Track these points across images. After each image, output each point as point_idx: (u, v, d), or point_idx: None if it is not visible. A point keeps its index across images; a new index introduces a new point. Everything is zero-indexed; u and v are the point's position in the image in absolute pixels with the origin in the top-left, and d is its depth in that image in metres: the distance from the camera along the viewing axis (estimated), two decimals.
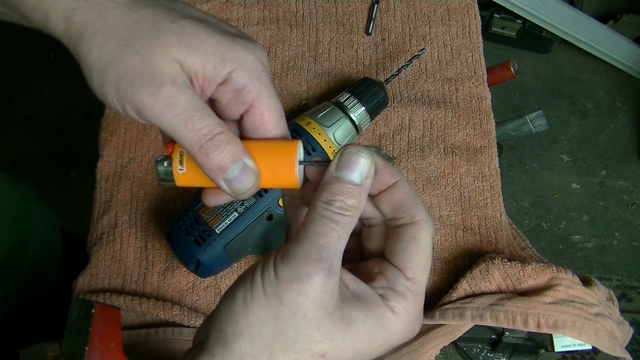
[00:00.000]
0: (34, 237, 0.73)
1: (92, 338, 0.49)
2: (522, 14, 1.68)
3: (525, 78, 1.82)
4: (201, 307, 0.65)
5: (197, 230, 0.60)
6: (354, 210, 0.30)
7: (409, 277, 0.30)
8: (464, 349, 0.70)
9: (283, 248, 0.29)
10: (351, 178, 0.30)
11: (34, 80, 1.78)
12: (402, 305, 0.30)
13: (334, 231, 0.29)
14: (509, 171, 1.70)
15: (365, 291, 0.30)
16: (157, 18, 0.33)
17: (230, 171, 0.33)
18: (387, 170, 0.32)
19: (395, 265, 0.31)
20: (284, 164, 0.34)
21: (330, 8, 0.81)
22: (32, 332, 0.85)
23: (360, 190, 0.30)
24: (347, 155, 0.30)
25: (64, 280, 0.74)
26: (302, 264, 0.28)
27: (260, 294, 0.28)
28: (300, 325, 0.28)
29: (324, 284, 0.28)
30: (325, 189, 0.30)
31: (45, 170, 1.69)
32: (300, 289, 0.27)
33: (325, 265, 0.28)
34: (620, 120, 1.77)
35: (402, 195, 0.32)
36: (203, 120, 0.32)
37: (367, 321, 0.29)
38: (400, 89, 0.76)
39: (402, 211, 0.32)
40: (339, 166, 0.30)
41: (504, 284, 0.61)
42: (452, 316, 0.59)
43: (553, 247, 1.61)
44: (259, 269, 0.29)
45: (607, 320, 0.58)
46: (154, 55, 0.32)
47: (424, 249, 0.31)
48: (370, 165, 0.30)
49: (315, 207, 0.29)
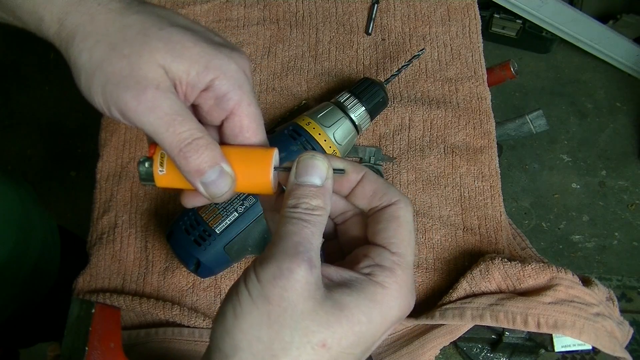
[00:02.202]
0: (34, 239, 0.73)
1: (92, 338, 0.49)
2: (522, 14, 1.68)
3: (525, 78, 1.82)
4: (201, 307, 0.65)
5: (197, 230, 0.60)
6: (321, 210, 0.31)
7: (394, 252, 0.31)
8: (464, 349, 0.70)
9: (259, 256, 0.29)
10: (312, 181, 0.31)
11: (34, 80, 1.78)
12: (392, 280, 0.30)
13: (306, 228, 0.29)
14: (509, 171, 1.70)
15: (350, 275, 0.30)
16: (145, 24, 0.34)
17: (208, 175, 0.34)
18: (352, 168, 0.33)
19: (379, 244, 0.31)
20: (259, 170, 0.35)
21: (330, 8, 0.81)
22: (33, 332, 0.85)
23: (323, 191, 0.31)
24: (304, 161, 0.32)
25: (64, 280, 0.74)
26: (281, 262, 0.28)
27: (248, 301, 0.28)
28: (293, 320, 0.27)
29: (307, 275, 0.28)
30: (290, 195, 0.31)
31: (45, 170, 1.69)
32: (285, 284, 0.27)
33: (304, 257, 0.28)
34: (620, 120, 1.77)
35: (373, 186, 0.33)
36: (184, 125, 0.34)
37: (360, 301, 0.29)
38: (400, 89, 0.76)
39: (377, 199, 0.33)
40: (298, 173, 0.32)
41: (504, 284, 0.61)
42: (452, 316, 0.59)
43: (553, 247, 1.61)
44: (241, 280, 0.29)
45: (607, 320, 0.58)
46: (140, 60, 0.33)
47: (405, 225, 0.32)
48: (327, 167, 0.32)
49: (284, 213, 0.31)
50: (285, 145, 0.61)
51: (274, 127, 0.73)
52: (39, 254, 0.74)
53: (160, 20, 0.35)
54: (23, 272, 0.72)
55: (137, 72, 0.33)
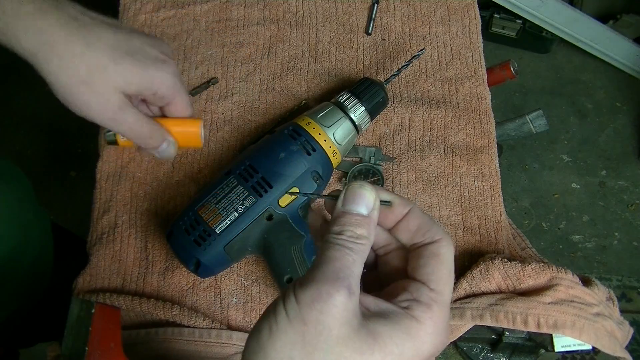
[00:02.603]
0: (32, 237, 0.73)
1: (92, 338, 0.49)
2: (522, 14, 1.68)
3: (525, 78, 1.81)
4: (201, 307, 0.65)
5: (197, 230, 0.60)
6: (365, 239, 0.31)
7: (432, 289, 0.31)
8: (464, 349, 0.70)
9: (300, 278, 0.30)
10: (358, 210, 0.32)
11: (34, 80, 1.77)
12: (428, 315, 0.30)
13: (348, 255, 0.30)
14: (509, 171, 1.69)
15: (387, 307, 0.30)
16: (104, 60, 0.47)
17: (161, 148, 0.53)
18: (399, 202, 0.34)
19: (419, 280, 0.32)
20: (191, 129, 0.56)
21: (330, 8, 0.81)
22: (33, 332, 0.85)
23: (369, 221, 0.32)
24: (352, 190, 0.32)
25: (62, 280, 0.74)
26: (321, 285, 0.28)
27: (284, 321, 0.28)
28: (327, 344, 0.27)
29: (345, 301, 0.28)
30: (335, 222, 0.32)
31: (45, 170, 1.69)
32: (322, 307, 0.28)
33: (344, 284, 0.28)
34: (620, 120, 1.77)
35: (418, 221, 0.34)
36: (144, 127, 0.51)
37: (394, 333, 0.29)
38: (400, 89, 0.76)
39: (420, 235, 0.33)
40: (345, 201, 0.32)
41: (504, 284, 0.61)
42: (452, 316, 0.59)
43: (553, 247, 1.61)
44: (280, 300, 0.29)
45: (607, 320, 0.58)
46: (107, 93, 0.48)
47: (446, 264, 0.32)
48: (374, 198, 0.32)
49: (328, 238, 0.31)
50: (285, 145, 0.61)
51: (274, 127, 0.73)
52: (37, 252, 0.74)
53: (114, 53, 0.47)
54: (22, 270, 0.72)
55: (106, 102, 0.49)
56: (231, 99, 0.75)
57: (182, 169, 0.72)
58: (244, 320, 0.65)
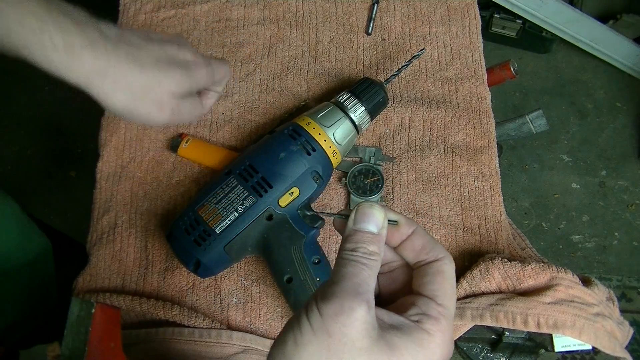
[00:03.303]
0: (32, 245, 0.74)
1: (92, 338, 0.49)
2: (522, 14, 1.68)
3: (525, 78, 1.81)
4: (201, 307, 0.65)
5: (197, 230, 0.60)
6: (377, 255, 0.34)
7: (440, 304, 0.34)
8: (464, 349, 0.70)
9: (320, 291, 0.32)
10: (369, 228, 0.34)
11: (34, 80, 1.78)
12: (437, 328, 0.32)
13: (364, 271, 0.32)
14: (509, 171, 1.69)
15: (400, 320, 0.33)
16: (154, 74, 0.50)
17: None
18: (405, 221, 0.37)
19: (426, 295, 0.34)
20: None
21: (330, 8, 0.81)
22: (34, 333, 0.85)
23: (379, 239, 0.34)
24: (362, 209, 0.35)
25: (63, 280, 0.75)
26: (343, 300, 0.30)
27: (309, 332, 0.30)
28: (351, 355, 0.30)
29: (366, 314, 0.30)
30: (349, 239, 0.34)
31: (45, 170, 1.69)
32: (346, 321, 0.30)
33: (364, 298, 0.31)
34: (620, 120, 1.77)
35: (422, 240, 0.36)
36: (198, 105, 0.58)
37: (409, 344, 0.31)
38: (400, 89, 0.76)
39: (424, 253, 0.36)
40: (356, 220, 0.35)
41: (504, 284, 0.61)
42: None
43: (553, 247, 1.61)
44: (303, 312, 0.31)
45: (607, 320, 0.58)
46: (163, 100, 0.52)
47: (450, 280, 0.35)
48: (383, 217, 0.35)
49: (343, 255, 0.34)
50: (285, 145, 0.61)
51: (274, 127, 0.73)
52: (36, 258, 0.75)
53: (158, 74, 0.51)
54: (24, 276, 0.72)
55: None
56: (231, 99, 0.75)
57: (182, 169, 0.72)
58: (244, 320, 0.65)
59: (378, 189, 0.69)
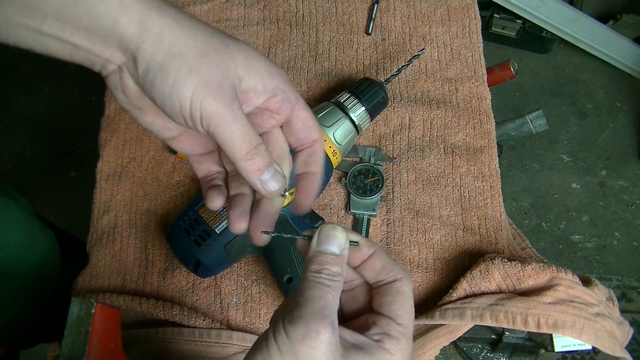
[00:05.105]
0: (37, 244, 0.74)
1: (92, 338, 0.49)
2: (522, 14, 1.68)
3: (525, 78, 1.81)
4: (201, 307, 0.65)
5: (197, 230, 0.60)
6: (339, 276, 0.35)
7: (400, 323, 0.35)
8: (464, 349, 0.70)
9: (288, 314, 0.33)
10: (331, 250, 0.36)
11: (34, 80, 1.78)
12: (397, 347, 0.34)
13: (329, 293, 0.34)
14: (509, 171, 1.69)
15: (362, 340, 0.34)
16: (222, 35, 0.38)
17: (265, 174, 0.39)
18: (365, 243, 0.38)
19: (387, 315, 0.36)
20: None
21: (330, 8, 0.81)
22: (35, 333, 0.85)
23: (341, 259, 0.36)
24: (325, 231, 0.36)
25: (65, 284, 0.75)
26: (309, 323, 0.32)
27: (277, 355, 0.31)
28: None
29: (331, 336, 0.31)
30: (313, 261, 0.35)
31: (45, 170, 1.69)
32: (312, 343, 0.31)
33: (329, 321, 0.32)
34: (620, 120, 1.77)
35: (382, 261, 0.37)
36: (252, 133, 0.38)
37: None
38: (400, 89, 0.76)
39: (384, 273, 0.37)
40: (320, 242, 0.36)
41: (504, 284, 0.61)
42: (452, 316, 0.59)
43: (553, 247, 1.61)
44: (271, 334, 0.32)
45: (607, 320, 0.58)
46: (227, 71, 0.37)
47: (408, 300, 0.36)
48: (345, 238, 0.36)
49: (308, 276, 0.35)
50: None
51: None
52: (42, 258, 0.75)
53: (225, 35, 0.38)
54: (28, 274, 0.72)
55: (225, 82, 0.36)
56: None
57: (182, 169, 0.72)
58: (244, 320, 0.65)
59: (378, 189, 0.69)
